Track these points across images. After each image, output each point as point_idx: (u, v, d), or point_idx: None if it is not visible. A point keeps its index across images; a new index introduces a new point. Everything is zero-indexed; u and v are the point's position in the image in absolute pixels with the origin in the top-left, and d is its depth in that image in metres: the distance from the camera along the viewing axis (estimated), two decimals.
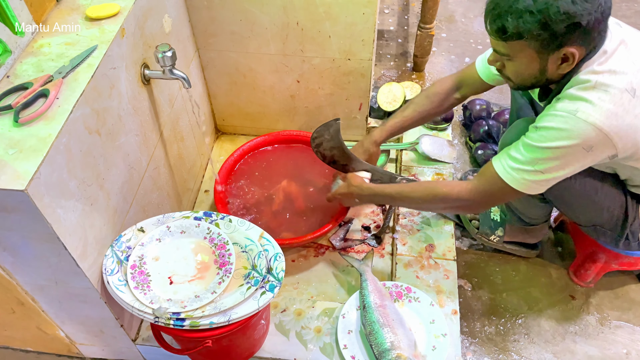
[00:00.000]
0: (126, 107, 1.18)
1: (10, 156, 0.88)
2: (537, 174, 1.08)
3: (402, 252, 1.51)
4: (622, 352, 1.45)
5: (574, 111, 1.02)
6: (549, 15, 0.97)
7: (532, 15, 0.98)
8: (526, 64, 1.07)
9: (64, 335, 1.33)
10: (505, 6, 1.00)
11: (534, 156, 1.07)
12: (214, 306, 1.06)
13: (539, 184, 1.10)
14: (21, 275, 1.09)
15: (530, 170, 1.08)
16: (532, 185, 1.11)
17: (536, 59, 1.05)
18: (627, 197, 1.27)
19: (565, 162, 1.06)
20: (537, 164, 1.07)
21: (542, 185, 1.11)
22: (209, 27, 1.57)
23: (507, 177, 1.11)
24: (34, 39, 1.09)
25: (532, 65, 1.06)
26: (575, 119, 1.02)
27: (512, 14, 0.99)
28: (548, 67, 1.06)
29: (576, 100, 1.03)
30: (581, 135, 1.02)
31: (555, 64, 1.05)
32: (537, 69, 1.07)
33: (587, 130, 1.01)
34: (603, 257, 1.49)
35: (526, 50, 1.03)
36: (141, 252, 1.14)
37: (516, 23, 0.99)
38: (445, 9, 2.59)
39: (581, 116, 1.01)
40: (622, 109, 1.01)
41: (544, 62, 1.05)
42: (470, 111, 1.97)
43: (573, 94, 1.04)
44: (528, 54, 1.04)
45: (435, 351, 1.28)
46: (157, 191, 1.40)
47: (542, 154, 1.06)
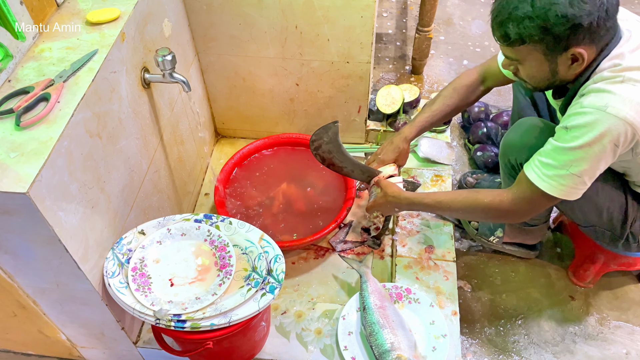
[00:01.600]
0: (126, 111, 1.18)
1: (12, 159, 0.89)
2: (572, 177, 1.07)
3: (402, 254, 1.51)
4: (621, 352, 1.45)
5: (604, 107, 1.01)
6: (548, 20, 0.98)
7: (531, 20, 0.99)
8: (536, 67, 1.08)
9: (65, 339, 1.34)
10: (506, 13, 1.02)
11: (567, 158, 1.06)
12: (215, 308, 1.07)
13: (575, 187, 1.09)
14: (22, 278, 1.10)
15: (566, 175, 1.07)
16: (569, 190, 1.09)
17: (545, 62, 1.06)
18: (627, 198, 1.27)
19: (598, 160, 1.05)
20: (571, 166, 1.06)
21: (579, 189, 1.10)
22: (209, 31, 1.58)
23: (544, 185, 1.10)
24: (35, 44, 1.10)
25: (542, 67, 1.07)
26: (606, 115, 1.00)
27: (513, 21, 1.01)
28: (559, 68, 1.06)
29: (604, 94, 1.02)
30: (613, 130, 1.00)
31: (565, 65, 1.05)
32: (548, 71, 1.08)
33: (618, 125, 1.00)
34: (602, 257, 1.50)
35: (533, 54, 1.04)
36: (142, 255, 1.14)
37: (517, 29, 1.01)
38: (443, 12, 2.60)
39: (611, 111, 1.00)
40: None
41: (554, 64, 1.05)
42: (469, 113, 1.98)
43: (600, 87, 1.03)
44: (536, 57, 1.05)
45: (435, 352, 1.28)
46: (158, 194, 1.41)
47: (574, 155, 1.05)
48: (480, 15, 2.60)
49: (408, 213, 1.62)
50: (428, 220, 1.60)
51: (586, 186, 1.10)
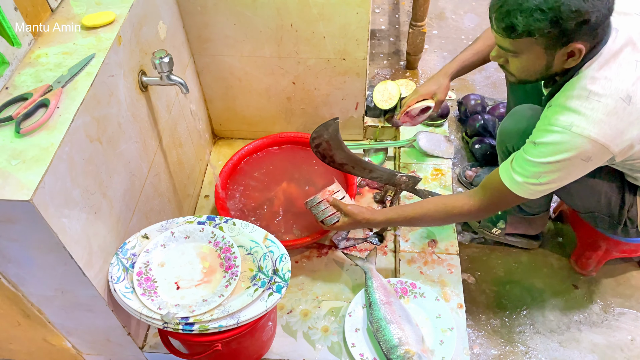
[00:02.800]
0: (125, 115, 1.18)
1: (13, 167, 0.88)
2: (542, 185, 1.11)
3: (405, 249, 1.51)
4: (627, 339, 1.46)
5: (569, 126, 1.03)
6: (559, 13, 0.96)
7: (542, 13, 0.97)
8: (533, 61, 1.07)
9: (71, 346, 1.33)
10: (514, 4, 0.99)
11: (536, 170, 1.09)
12: (222, 309, 1.06)
13: (543, 191, 1.13)
14: (27, 287, 1.09)
15: (536, 183, 1.10)
16: (537, 193, 1.13)
17: (543, 56, 1.05)
18: (624, 184, 1.28)
19: (567, 172, 1.09)
20: (541, 177, 1.09)
21: (548, 191, 1.14)
22: (203, 32, 1.57)
23: (515, 188, 1.13)
24: (31, 50, 1.09)
25: (539, 61, 1.07)
26: (570, 134, 1.03)
27: (522, 12, 0.98)
28: (554, 62, 1.06)
29: (570, 113, 1.04)
30: (578, 148, 1.03)
31: (561, 59, 1.05)
32: (543, 65, 1.07)
33: (584, 143, 1.03)
34: (604, 245, 1.50)
35: (533, 47, 1.03)
36: (146, 259, 1.14)
37: (526, 21, 0.99)
38: (435, 7, 2.61)
39: (576, 130, 1.03)
40: (616, 118, 1.02)
41: (551, 58, 1.05)
42: (465, 106, 1.99)
43: (567, 105, 1.05)
44: (535, 51, 1.04)
45: (443, 345, 1.28)
46: (159, 198, 1.40)
47: (543, 168, 1.08)
48: (472, 9, 2.61)
49: None
50: None
51: (553, 190, 1.14)
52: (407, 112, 1.48)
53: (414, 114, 1.49)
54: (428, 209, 1.28)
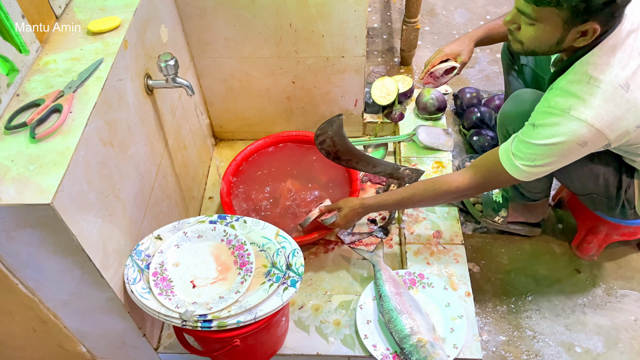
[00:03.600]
0: (134, 118, 1.19)
1: (31, 172, 0.89)
2: (537, 168, 1.13)
3: (411, 241, 1.54)
4: (630, 319, 1.50)
5: (567, 109, 1.06)
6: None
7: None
8: (548, 32, 1.07)
9: (85, 351, 1.33)
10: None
11: (533, 152, 1.12)
12: (239, 305, 1.08)
13: (539, 173, 1.16)
14: (44, 292, 1.10)
15: (531, 165, 1.13)
16: (532, 175, 1.16)
17: (560, 29, 1.05)
18: (621, 165, 1.31)
19: (562, 156, 1.11)
20: (537, 159, 1.12)
21: (542, 175, 1.16)
22: (203, 35, 1.59)
23: (512, 169, 1.16)
24: (39, 57, 1.10)
25: (553, 34, 1.07)
26: (568, 117, 1.06)
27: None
28: (567, 38, 1.07)
29: (569, 97, 1.06)
30: (575, 132, 1.06)
31: (573, 37, 1.06)
32: (557, 39, 1.08)
33: (580, 128, 1.05)
34: (604, 229, 1.54)
35: (554, 19, 1.03)
36: (161, 259, 1.15)
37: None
38: (426, 3, 2.64)
39: (574, 114, 1.05)
40: (614, 104, 1.05)
41: (566, 32, 1.05)
42: (462, 100, 2.02)
43: (567, 89, 1.07)
44: (554, 22, 1.04)
45: (453, 333, 1.31)
46: (167, 200, 1.41)
47: (539, 150, 1.11)
48: (462, 4, 2.64)
49: None
50: (433, 207, 1.62)
51: (547, 173, 1.16)
52: (431, 73, 1.45)
53: (438, 75, 1.46)
54: (417, 188, 1.32)
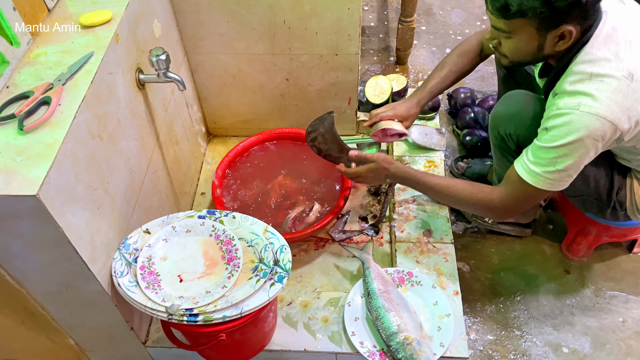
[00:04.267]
0: (124, 112, 1.19)
1: (18, 163, 0.89)
2: (560, 173, 1.12)
3: (401, 239, 1.54)
4: (618, 321, 1.50)
5: (577, 106, 1.06)
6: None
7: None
8: (525, 41, 1.11)
9: (74, 343, 1.34)
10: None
11: (551, 156, 1.11)
12: (226, 300, 1.08)
13: (562, 180, 1.15)
14: (31, 283, 1.10)
15: (553, 171, 1.12)
16: (556, 183, 1.14)
17: (535, 37, 1.09)
18: (613, 167, 1.32)
19: (581, 154, 1.10)
20: (557, 163, 1.11)
21: (566, 181, 1.15)
22: (197, 31, 1.59)
23: (534, 180, 1.15)
24: (30, 49, 1.10)
25: (531, 42, 1.11)
26: (579, 113, 1.06)
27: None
28: (546, 44, 1.10)
29: (576, 96, 1.07)
30: (588, 127, 1.06)
31: (552, 42, 1.09)
32: (535, 46, 1.11)
33: (593, 122, 1.06)
34: (594, 230, 1.54)
35: (526, 28, 1.08)
36: (149, 253, 1.15)
37: (520, 1, 1.03)
38: (423, 3, 2.64)
39: (584, 109, 1.06)
40: (622, 95, 1.05)
41: (543, 39, 1.09)
42: (455, 100, 2.02)
43: (571, 89, 1.08)
44: (528, 32, 1.08)
45: (441, 331, 1.31)
46: (157, 194, 1.41)
47: (557, 152, 1.10)
48: (459, 4, 2.65)
49: (404, 199, 1.65)
50: (424, 206, 1.63)
51: (572, 178, 1.15)
52: (385, 129, 1.49)
53: (389, 134, 1.52)
54: (457, 183, 1.30)
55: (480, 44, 1.46)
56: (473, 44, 1.45)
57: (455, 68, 1.46)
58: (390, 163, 1.35)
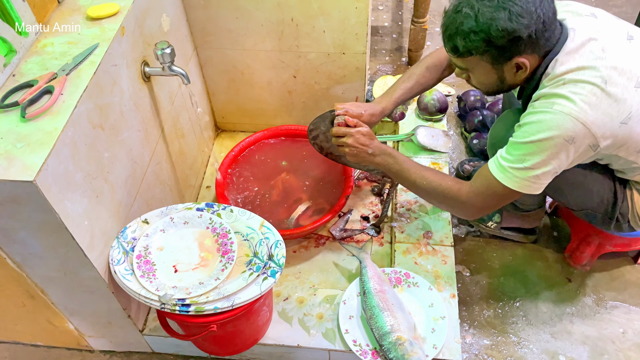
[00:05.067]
0: (128, 103, 1.21)
1: (18, 150, 0.92)
2: (527, 171, 1.11)
3: (401, 240, 1.54)
4: (618, 332, 1.48)
5: (551, 104, 1.08)
6: (490, 34, 1.05)
7: (476, 34, 1.06)
8: (485, 75, 1.15)
9: (73, 328, 1.37)
10: (453, 28, 1.09)
11: (520, 152, 1.11)
12: (218, 292, 1.10)
13: (530, 181, 1.12)
14: (31, 267, 1.13)
15: (520, 168, 1.11)
16: (525, 183, 1.13)
17: (492, 70, 1.13)
18: (615, 180, 1.30)
19: (550, 154, 1.09)
20: (525, 160, 1.11)
21: (535, 183, 1.13)
22: (206, 26, 1.61)
23: (501, 176, 1.14)
24: (38, 39, 1.13)
25: (490, 75, 1.15)
26: (552, 112, 1.07)
27: (460, 35, 1.08)
28: (505, 75, 1.14)
29: (551, 97, 1.09)
30: (560, 126, 1.06)
31: (511, 72, 1.13)
32: (496, 78, 1.15)
33: (565, 121, 1.06)
34: (597, 239, 1.52)
35: (481, 64, 1.12)
36: (146, 243, 1.18)
37: (464, 42, 1.08)
38: (438, 4, 2.63)
39: (558, 108, 1.06)
40: (595, 99, 1.06)
41: (500, 72, 1.13)
42: (465, 102, 2.01)
43: (547, 92, 1.10)
44: (483, 67, 1.13)
45: (434, 333, 1.31)
46: (160, 186, 1.44)
47: (527, 149, 1.10)
48: None
49: (407, 200, 1.64)
50: (426, 207, 1.63)
51: (541, 182, 1.13)
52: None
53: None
54: (430, 170, 1.28)
55: (448, 58, 1.44)
56: (441, 58, 1.44)
57: (422, 80, 1.45)
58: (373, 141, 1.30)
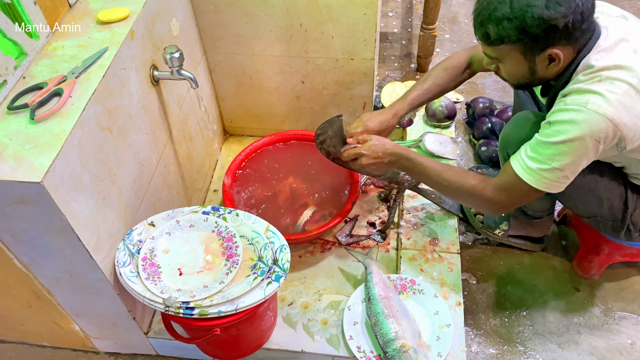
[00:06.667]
0: (136, 107, 1.22)
1: (27, 151, 0.93)
2: (555, 172, 1.10)
3: (407, 246, 1.54)
4: (626, 343, 1.46)
5: (585, 103, 1.05)
6: (525, 21, 1.02)
7: (510, 22, 1.03)
8: (515, 66, 1.12)
9: (79, 329, 1.38)
10: (486, 14, 1.06)
11: (550, 152, 1.09)
12: (222, 295, 1.10)
13: (558, 181, 1.12)
14: (38, 268, 1.14)
15: (549, 169, 1.10)
16: (552, 183, 1.12)
17: (523, 61, 1.10)
18: (626, 188, 1.29)
19: (580, 155, 1.08)
20: (554, 160, 1.09)
21: (562, 183, 1.13)
22: (216, 31, 1.62)
23: (528, 177, 1.13)
24: (49, 42, 1.14)
25: (521, 66, 1.11)
26: (586, 111, 1.04)
27: (493, 22, 1.05)
28: (537, 67, 1.11)
29: (585, 93, 1.06)
30: (593, 126, 1.04)
31: (543, 64, 1.10)
32: (527, 70, 1.12)
33: (599, 121, 1.04)
34: (606, 248, 1.50)
35: (512, 54, 1.09)
36: (152, 245, 1.18)
37: (496, 30, 1.05)
38: (449, 11, 2.63)
39: (592, 107, 1.04)
40: (630, 100, 1.04)
41: (532, 63, 1.10)
42: (474, 109, 2.00)
43: (581, 87, 1.07)
44: (515, 57, 1.09)
45: (439, 341, 1.30)
46: (167, 189, 1.44)
47: (557, 149, 1.08)
48: None
49: (413, 206, 1.64)
50: (433, 214, 1.62)
51: (568, 180, 1.12)
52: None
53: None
54: (451, 168, 1.27)
55: (468, 60, 1.44)
56: (461, 60, 1.43)
57: (439, 81, 1.44)
58: (388, 141, 1.31)
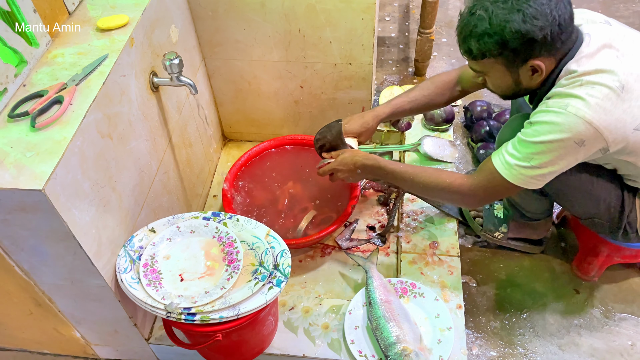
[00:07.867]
0: (136, 113, 1.23)
1: (28, 159, 0.93)
2: (533, 169, 1.12)
3: (407, 250, 1.54)
4: (627, 344, 1.47)
5: (565, 106, 1.07)
6: (504, 36, 1.05)
7: (490, 37, 1.06)
8: (500, 78, 1.15)
9: (80, 336, 1.37)
10: (468, 31, 1.10)
11: (529, 151, 1.11)
12: (223, 301, 1.10)
13: (535, 178, 1.14)
14: (38, 275, 1.14)
15: (527, 166, 1.12)
16: (529, 180, 1.14)
17: (507, 73, 1.13)
18: (623, 189, 1.30)
19: (559, 155, 1.10)
20: (533, 159, 1.11)
21: (539, 180, 1.15)
22: (214, 37, 1.63)
23: (506, 172, 1.15)
24: (48, 50, 1.15)
25: (506, 78, 1.15)
26: (566, 113, 1.06)
27: (474, 38, 1.08)
28: (521, 78, 1.14)
29: (566, 97, 1.08)
30: (572, 129, 1.06)
31: (526, 75, 1.13)
32: (511, 81, 1.15)
33: (578, 124, 1.05)
34: (605, 250, 1.51)
35: (496, 67, 1.12)
36: (153, 252, 1.18)
37: (478, 45, 1.08)
38: (445, 15, 2.64)
39: (571, 110, 1.06)
40: (610, 104, 1.05)
41: (515, 75, 1.13)
42: (472, 112, 2.01)
43: (562, 91, 1.09)
44: (499, 69, 1.13)
45: (440, 344, 1.30)
46: (167, 195, 1.45)
47: (535, 148, 1.10)
48: None
49: (413, 210, 1.64)
50: (432, 217, 1.62)
51: (545, 179, 1.14)
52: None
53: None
54: (424, 169, 1.30)
55: (458, 78, 1.45)
56: (450, 76, 1.46)
57: (425, 92, 1.45)
58: (358, 153, 1.36)
